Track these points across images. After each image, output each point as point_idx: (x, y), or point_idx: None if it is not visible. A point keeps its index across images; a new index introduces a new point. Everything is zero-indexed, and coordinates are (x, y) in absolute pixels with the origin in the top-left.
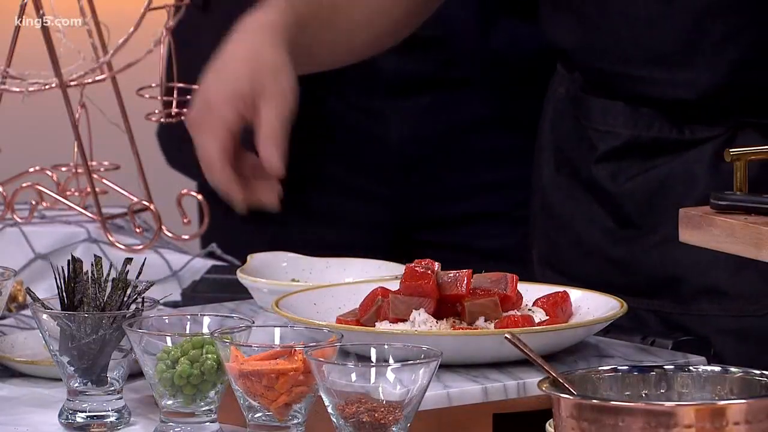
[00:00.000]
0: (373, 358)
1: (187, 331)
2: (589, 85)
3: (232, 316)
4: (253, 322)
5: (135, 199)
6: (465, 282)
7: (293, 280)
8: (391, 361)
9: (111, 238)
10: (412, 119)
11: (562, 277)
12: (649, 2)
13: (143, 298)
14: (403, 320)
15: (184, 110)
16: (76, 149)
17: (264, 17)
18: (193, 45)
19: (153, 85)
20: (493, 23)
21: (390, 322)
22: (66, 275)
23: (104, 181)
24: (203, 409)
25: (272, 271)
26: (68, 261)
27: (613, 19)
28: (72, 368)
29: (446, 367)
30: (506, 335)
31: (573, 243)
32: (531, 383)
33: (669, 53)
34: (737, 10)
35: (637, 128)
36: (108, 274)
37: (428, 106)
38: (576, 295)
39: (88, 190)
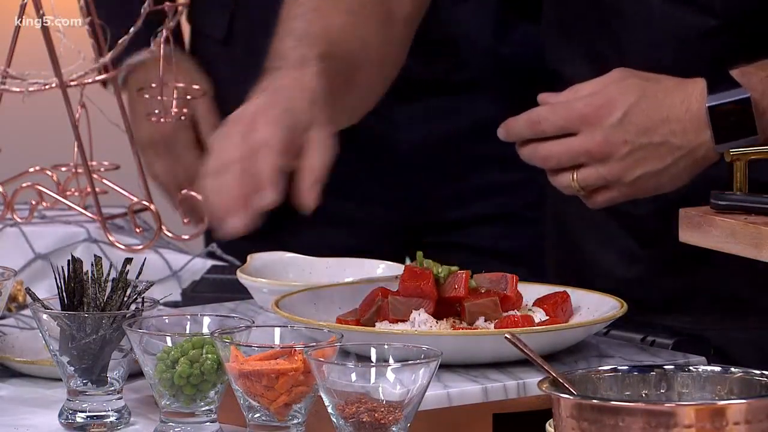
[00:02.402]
0: (373, 358)
1: (187, 331)
2: None
3: (233, 316)
4: (253, 322)
5: (135, 199)
6: (462, 284)
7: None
8: (391, 361)
9: (111, 238)
10: (421, 122)
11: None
12: (668, 50)
13: (143, 298)
14: (403, 321)
15: (184, 110)
16: (76, 149)
17: (307, 83)
18: (212, 78)
19: (153, 85)
20: (507, 26)
21: (390, 322)
22: (66, 275)
23: (104, 181)
24: (203, 409)
25: (272, 271)
26: (68, 261)
27: (626, 62)
28: (72, 368)
29: (446, 367)
30: (506, 335)
31: (587, 263)
32: (531, 383)
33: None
34: (749, 58)
35: None
36: (108, 274)
37: (438, 110)
38: (576, 295)
39: (88, 190)
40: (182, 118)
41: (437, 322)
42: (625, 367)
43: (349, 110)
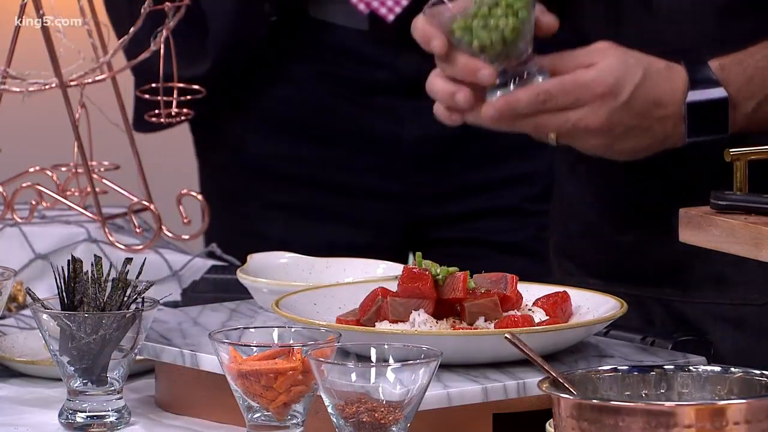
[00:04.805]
0: (373, 358)
1: None
2: None
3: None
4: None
5: (135, 199)
6: (461, 285)
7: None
8: (391, 361)
9: (111, 238)
10: (425, 118)
11: (574, 266)
12: (687, 25)
13: (143, 298)
14: (403, 322)
15: (184, 110)
16: (76, 149)
17: None
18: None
19: (153, 85)
20: None
21: (390, 322)
22: (66, 275)
23: (104, 181)
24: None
25: (272, 271)
26: (68, 261)
27: (634, 11)
28: (72, 368)
29: (446, 367)
30: (506, 335)
31: (585, 230)
32: (531, 383)
33: (691, 49)
34: (761, 9)
35: None
36: (108, 274)
37: None
38: (576, 295)
39: (88, 190)
40: (182, 118)
41: (437, 322)
42: (625, 367)
43: None
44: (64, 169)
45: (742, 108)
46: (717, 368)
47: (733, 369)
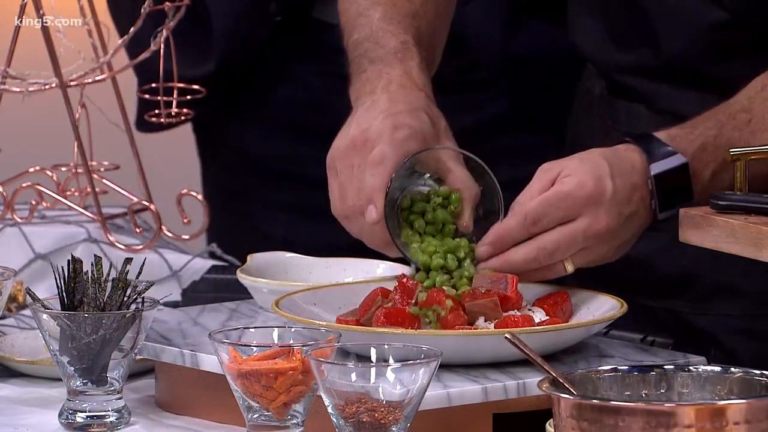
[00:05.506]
0: (373, 358)
1: None
2: (613, 88)
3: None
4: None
5: (135, 199)
6: (451, 318)
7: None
8: (391, 361)
9: (111, 238)
10: None
11: (587, 275)
12: (678, 42)
13: (143, 298)
14: None
15: (184, 110)
16: (76, 149)
17: (416, 79)
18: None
19: (153, 85)
20: (516, 26)
21: None
22: (66, 275)
23: (104, 181)
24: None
25: (272, 271)
26: (68, 261)
27: (653, 45)
28: (72, 368)
29: (446, 367)
30: (506, 335)
31: None
32: (531, 383)
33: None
34: (745, 27)
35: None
36: (108, 274)
37: (448, 108)
38: (576, 295)
39: (88, 190)
40: (183, 118)
41: None
42: (625, 367)
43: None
44: (64, 169)
45: (700, 177)
46: (717, 368)
47: (733, 369)
